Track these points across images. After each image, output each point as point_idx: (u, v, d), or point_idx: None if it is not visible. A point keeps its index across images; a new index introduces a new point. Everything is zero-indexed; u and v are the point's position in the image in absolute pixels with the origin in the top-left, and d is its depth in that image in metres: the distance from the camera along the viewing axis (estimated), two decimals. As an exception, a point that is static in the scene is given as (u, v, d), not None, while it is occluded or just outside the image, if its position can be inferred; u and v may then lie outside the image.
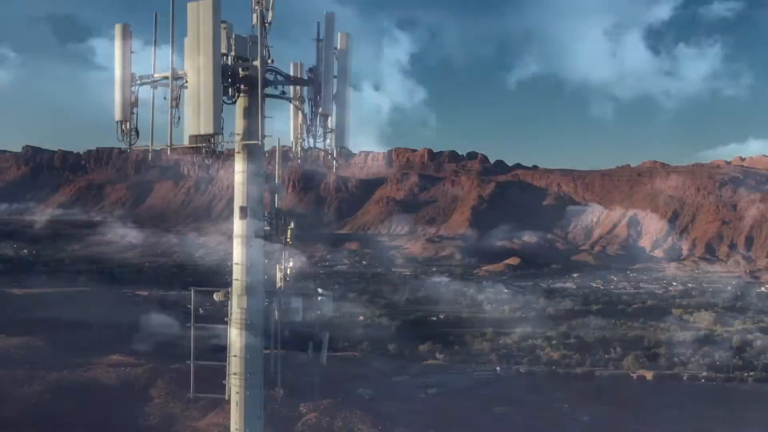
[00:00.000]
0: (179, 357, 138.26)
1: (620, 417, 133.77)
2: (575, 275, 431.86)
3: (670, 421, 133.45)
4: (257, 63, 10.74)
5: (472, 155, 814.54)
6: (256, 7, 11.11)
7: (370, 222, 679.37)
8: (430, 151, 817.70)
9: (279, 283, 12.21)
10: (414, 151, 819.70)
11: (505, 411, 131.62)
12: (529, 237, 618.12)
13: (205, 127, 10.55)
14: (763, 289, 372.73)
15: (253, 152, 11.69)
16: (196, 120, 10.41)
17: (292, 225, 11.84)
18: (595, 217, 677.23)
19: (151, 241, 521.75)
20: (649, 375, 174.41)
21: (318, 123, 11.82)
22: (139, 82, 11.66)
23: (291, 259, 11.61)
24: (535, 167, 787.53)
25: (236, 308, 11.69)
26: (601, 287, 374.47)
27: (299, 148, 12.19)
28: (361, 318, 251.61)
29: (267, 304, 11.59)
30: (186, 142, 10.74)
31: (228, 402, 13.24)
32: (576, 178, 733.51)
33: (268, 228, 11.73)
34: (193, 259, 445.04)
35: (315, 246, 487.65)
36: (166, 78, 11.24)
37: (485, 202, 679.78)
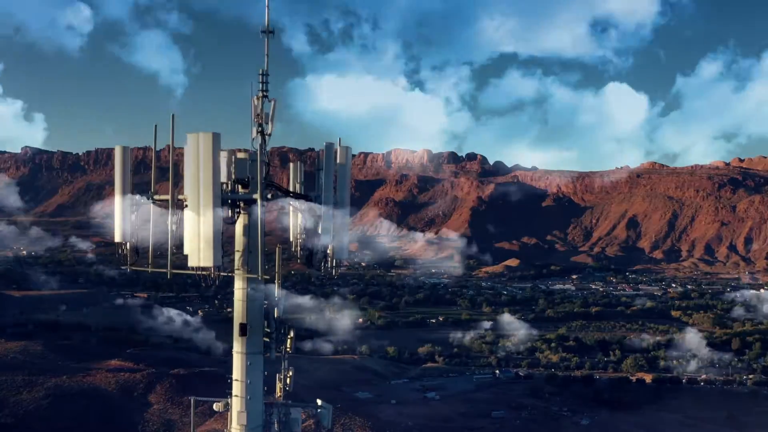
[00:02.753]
0: (178, 361, 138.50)
1: (619, 420, 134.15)
2: (574, 277, 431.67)
3: (669, 424, 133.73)
4: (257, 196, 10.49)
5: (471, 156, 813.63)
6: (255, 120, 10.91)
7: (370, 223, 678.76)
8: (429, 152, 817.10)
9: (279, 394, 11.82)
10: (413, 152, 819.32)
11: (505, 414, 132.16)
12: (528, 238, 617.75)
13: (205, 261, 10.38)
14: (762, 290, 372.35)
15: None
16: (195, 252, 10.25)
17: (291, 334, 11.65)
18: (595, 219, 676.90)
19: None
20: (648, 378, 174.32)
21: (319, 250, 11.56)
22: (140, 200, 11.49)
23: (291, 368, 11.52)
24: (534, 168, 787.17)
25: (236, 424, 11.27)
26: (601, 289, 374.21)
27: (299, 249, 11.98)
28: (361, 320, 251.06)
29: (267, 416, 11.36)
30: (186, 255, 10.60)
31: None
32: (575, 179, 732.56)
33: (267, 341, 11.35)
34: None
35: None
36: (166, 200, 10.96)
37: (484, 204, 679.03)
